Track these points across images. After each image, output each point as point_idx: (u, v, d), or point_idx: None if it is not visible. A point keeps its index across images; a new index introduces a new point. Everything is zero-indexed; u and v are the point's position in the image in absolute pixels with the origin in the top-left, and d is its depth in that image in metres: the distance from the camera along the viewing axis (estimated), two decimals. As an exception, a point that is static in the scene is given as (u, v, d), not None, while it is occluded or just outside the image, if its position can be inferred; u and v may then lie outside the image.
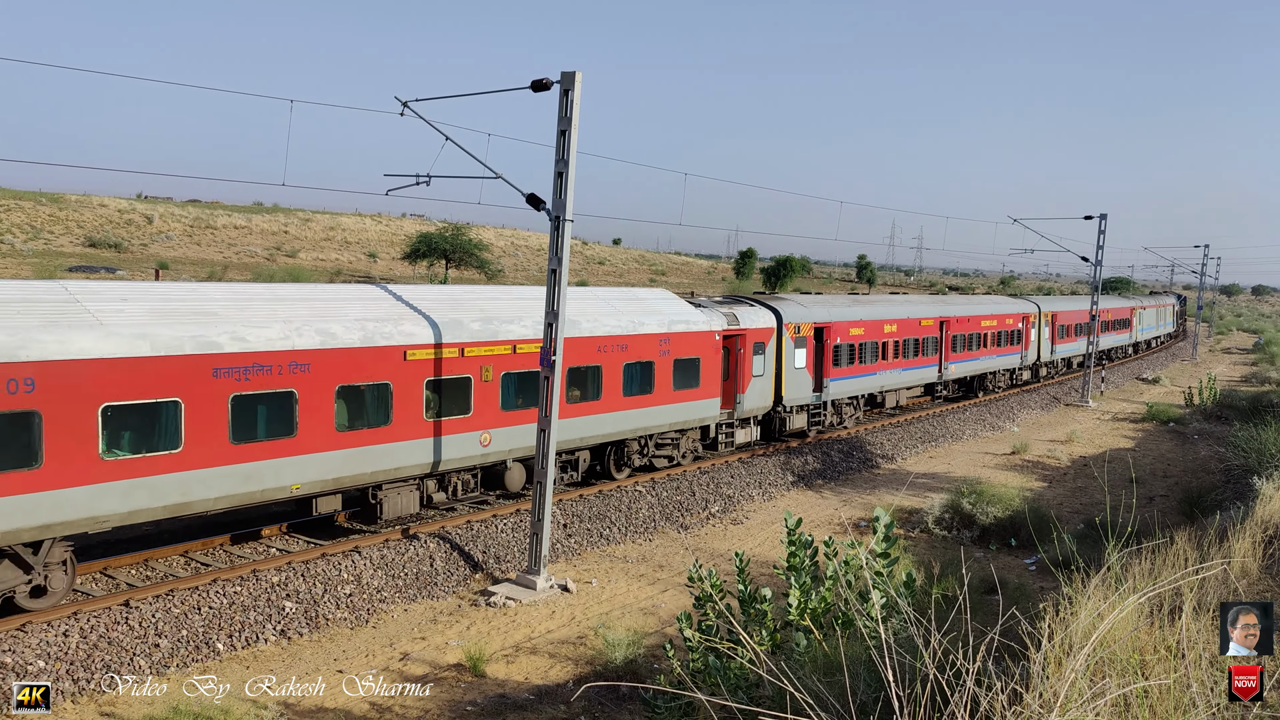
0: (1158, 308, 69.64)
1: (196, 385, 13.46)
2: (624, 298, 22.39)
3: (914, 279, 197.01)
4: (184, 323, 13.67)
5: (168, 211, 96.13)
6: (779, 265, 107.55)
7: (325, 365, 15.02)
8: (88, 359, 12.33)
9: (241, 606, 13.69)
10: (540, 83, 14.89)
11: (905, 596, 8.42)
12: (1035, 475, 26.84)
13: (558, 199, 15.24)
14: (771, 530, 19.96)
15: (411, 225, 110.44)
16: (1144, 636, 5.80)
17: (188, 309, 14.11)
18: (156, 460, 13.09)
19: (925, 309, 34.47)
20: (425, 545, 16.47)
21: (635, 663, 12.71)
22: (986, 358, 38.53)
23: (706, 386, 22.77)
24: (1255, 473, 16.24)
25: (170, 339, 13.24)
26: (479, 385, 17.44)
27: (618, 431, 20.70)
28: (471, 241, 78.36)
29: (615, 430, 20.63)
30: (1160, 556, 8.30)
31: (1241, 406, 35.35)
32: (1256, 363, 63.38)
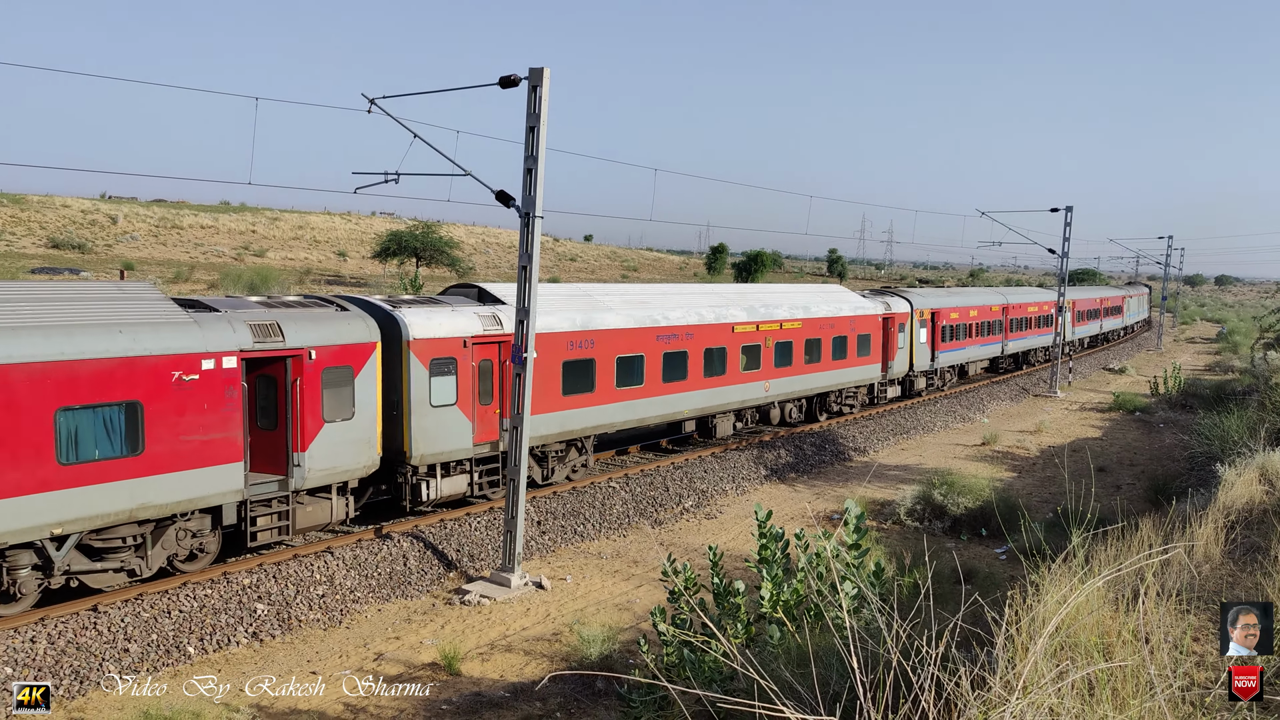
0: (1139, 296, 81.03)
1: (650, 345, 22.00)
2: (822, 290, 32.35)
3: (884, 273, 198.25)
4: (642, 308, 22.41)
5: (132, 211, 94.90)
6: (750, 260, 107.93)
7: (699, 334, 23.65)
8: (609, 329, 20.87)
9: (212, 609, 13.59)
10: (508, 79, 14.85)
11: (875, 587, 8.51)
12: (1005, 465, 27.12)
13: (527, 195, 15.22)
14: (745, 524, 20.05)
15: (381, 223, 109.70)
16: (1108, 621, 5.90)
17: (638, 299, 22.89)
18: (634, 390, 21.63)
19: (993, 298, 43.75)
20: (399, 545, 16.41)
21: (610, 658, 12.74)
22: (1032, 337, 48.46)
23: (874, 355, 31.85)
24: (1218, 460, 16.51)
25: (641, 317, 21.95)
26: (764, 350, 26.09)
27: (826, 386, 29.61)
28: (442, 239, 77.99)
29: (826, 385, 29.60)
30: (1125, 542, 8.43)
31: (1205, 395, 35.90)
32: (1220, 352, 64.33)
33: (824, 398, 29.76)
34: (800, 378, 27.69)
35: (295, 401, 15.13)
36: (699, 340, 23.34)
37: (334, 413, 15.66)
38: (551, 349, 19.17)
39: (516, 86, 14.88)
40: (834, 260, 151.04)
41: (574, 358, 19.88)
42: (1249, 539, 9.83)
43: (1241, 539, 9.83)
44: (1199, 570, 8.47)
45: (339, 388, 15.74)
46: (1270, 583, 7.56)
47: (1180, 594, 6.89)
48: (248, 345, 14.46)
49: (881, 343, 32.14)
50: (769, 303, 26.96)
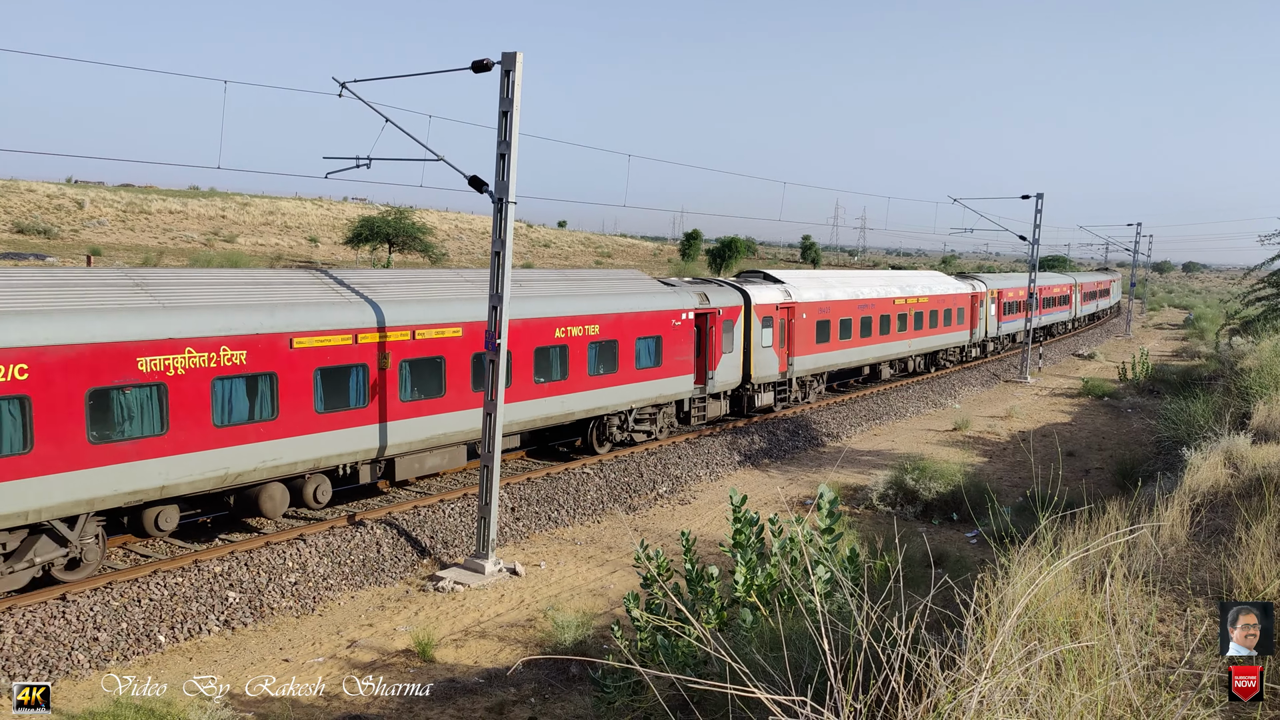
0: (1115, 280, 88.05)
1: (854, 312, 32.56)
2: (923, 275, 41.88)
3: (857, 259, 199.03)
4: (849, 286, 32.99)
5: (99, 196, 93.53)
6: (724, 246, 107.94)
7: (878, 306, 33.99)
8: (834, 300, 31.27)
9: (183, 598, 13.49)
10: (481, 63, 14.75)
11: (848, 571, 8.58)
12: (976, 451, 27.38)
13: (500, 181, 15.15)
14: (719, 510, 20.13)
15: (353, 209, 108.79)
16: (1075, 602, 5.97)
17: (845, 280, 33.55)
18: (845, 343, 31.78)
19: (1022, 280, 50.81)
20: (372, 531, 16.35)
21: (585, 644, 12.78)
22: (1056, 313, 58.31)
23: (965, 324, 42.17)
24: (1184, 444, 16.74)
25: (850, 292, 32.28)
26: (908, 318, 36.55)
27: (939, 346, 40.04)
28: (415, 225, 77.52)
29: (939, 345, 39.95)
30: (1093, 525, 8.54)
31: (1172, 380, 36.38)
32: (1187, 338, 65.18)
33: (935, 355, 40.47)
34: (925, 339, 38.38)
35: (714, 340, 25.15)
36: (877, 309, 34.00)
37: (727, 348, 25.68)
38: (812, 313, 29.95)
39: (489, 71, 14.79)
40: (807, 246, 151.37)
41: (821, 319, 30.51)
42: (1214, 521, 9.98)
43: (1206, 521, 9.98)
44: (1165, 552, 8.59)
45: (729, 333, 25.77)
46: (1234, 564, 7.69)
47: (1146, 576, 6.99)
48: (695, 305, 24.49)
49: (970, 314, 42.74)
50: (909, 283, 37.74)
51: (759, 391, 27.69)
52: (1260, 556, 7.55)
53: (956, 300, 40.87)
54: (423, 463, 17.85)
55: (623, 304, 22.21)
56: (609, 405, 21.80)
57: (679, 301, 23.94)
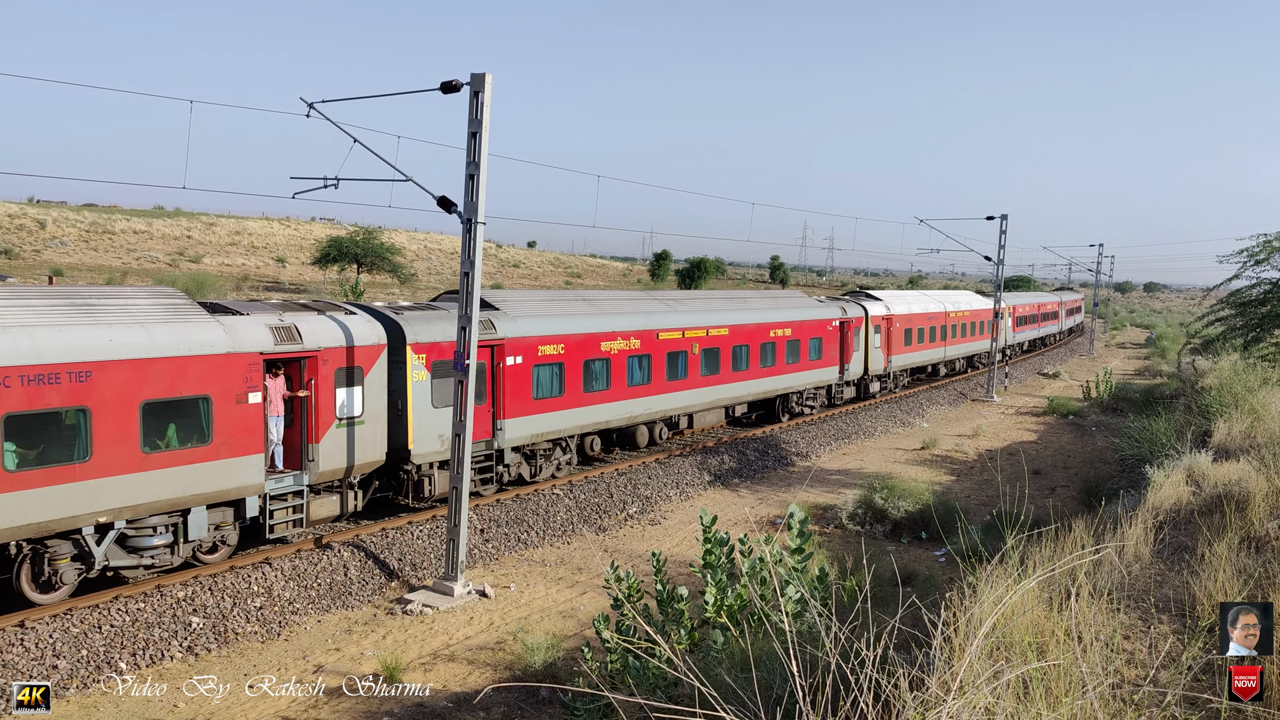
0: (1084, 299, 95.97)
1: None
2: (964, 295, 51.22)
3: (825, 279, 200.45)
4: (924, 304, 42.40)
5: (62, 216, 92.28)
6: (694, 267, 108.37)
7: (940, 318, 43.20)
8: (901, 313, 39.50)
9: (145, 624, 13.25)
10: (450, 84, 14.76)
11: (818, 591, 8.59)
12: (944, 469, 27.57)
13: (469, 201, 15.13)
14: (689, 530, 20.10)
15: (321, 229, 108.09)
16: (1042, 621, 6.02)
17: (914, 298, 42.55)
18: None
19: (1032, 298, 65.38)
20: (339, 554, 16.17)
21: (555, 666, 12.68)
22: (1044, 328, 66.26)
23: (989, 333, 48.04)
24: (1147, 462, 16.94)
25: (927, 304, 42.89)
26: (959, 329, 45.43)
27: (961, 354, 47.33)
28: (383, 245, 77.12)
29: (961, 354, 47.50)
30: (1059, 543, 8.62)
31: (1135, 399, 36.89)
32: (1149, 357, 66.16)
33: (971, 358, 50.09)
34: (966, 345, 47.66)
35: (848, 341, 34.79)
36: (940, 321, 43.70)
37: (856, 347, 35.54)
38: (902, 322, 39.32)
39: (458, 92, 14.80)
40: (776, 267, 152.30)
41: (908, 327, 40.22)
42: (1176, 539, 10.11)
43: (1169, 539, 10.11)
44: (1129, 570, 8.68)
45: (858, 336, 35.55)
46: (1197, 581, 7.78)
47: (1111, 593, 7.06)
48: (839, 315, 33.57)
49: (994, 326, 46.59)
50: (957, 302, 47.10)
51: (871, 381, 37.26)
52: (1222, 573, 7.65)
53: (985, 314, 49.24)
54: (705, 418, 27.39)
55: (802, 314, 31.86)
56: (796, 385, 31.40)
57: (829, 312, 33.48)
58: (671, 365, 24.90)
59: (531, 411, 20.51)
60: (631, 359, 23.46)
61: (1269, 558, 8.50)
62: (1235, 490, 11.03)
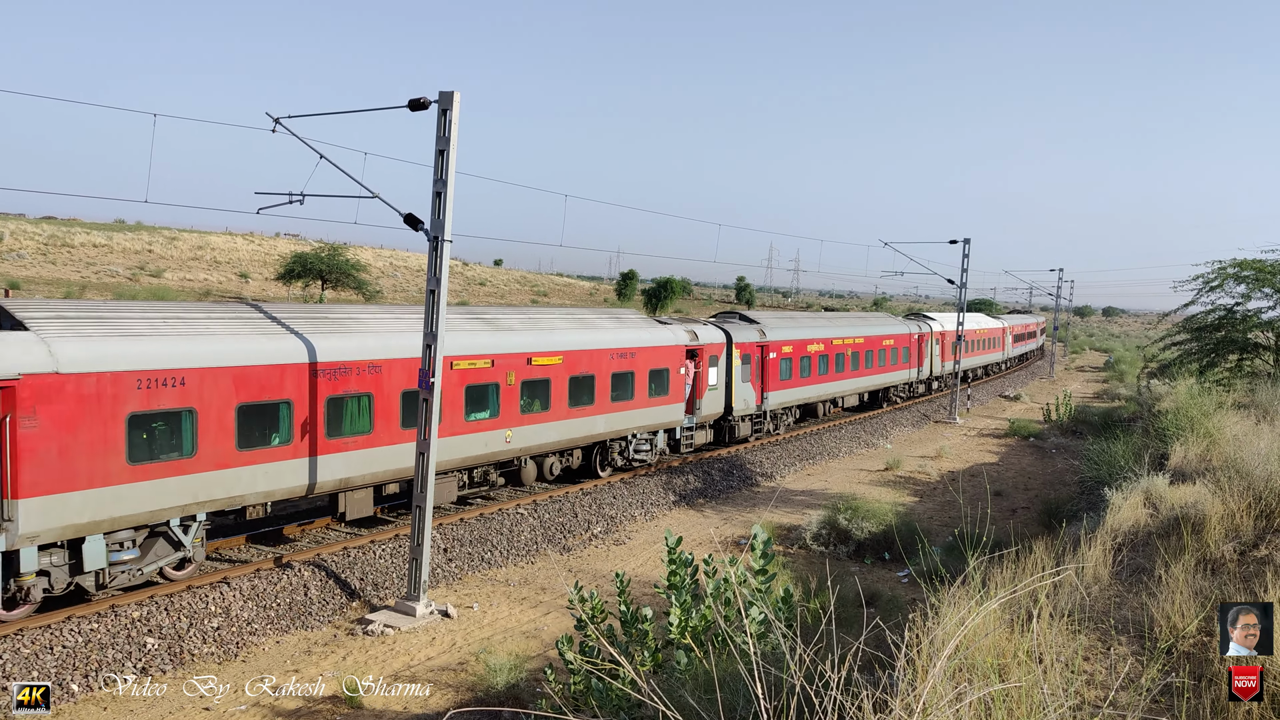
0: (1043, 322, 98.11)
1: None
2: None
3: (791, 300, 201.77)
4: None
5: (19, 229, 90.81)
6: (660, 287, 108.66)
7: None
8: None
9: (98, 645, 12.97)
10: (418, 102, 14.73)
11: (782, 612, 8.59)
12: (908, 490, 27.75)
13: (436, 219, 15.08)
14: (654, 550, 20.05)
15: (286, 245, 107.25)
16: (1004, 642, 6.06)
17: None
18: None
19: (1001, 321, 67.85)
20: (299, 574, 15.94)
21: (518, 687, 12.57)
22: (1026, 345, 76.14)
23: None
24: (1106, 484, 17.16)
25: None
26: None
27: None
28: (349, 262, 76.61)
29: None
30: (1020, 565, 8.69)
31: (1094, 421, 37.39)
32: (1107, 380, 67.18)
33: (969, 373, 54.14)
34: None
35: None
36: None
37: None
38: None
39: (426, 109, 14.77)
40: (742, 288, 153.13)
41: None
42: (1135, 560, 10.23)
43: (1128, 560, 10.22)
44: (1089, 591, 8.77)
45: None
46: (1155, 603, 7.88)
47: (1071, 614, 7.13)
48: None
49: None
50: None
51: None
52: (1179, 595, 7.75)
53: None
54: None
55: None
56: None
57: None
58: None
59: (781, 389, 32.51)
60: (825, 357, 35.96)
61: (1224, 580, 8.62)
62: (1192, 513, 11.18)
